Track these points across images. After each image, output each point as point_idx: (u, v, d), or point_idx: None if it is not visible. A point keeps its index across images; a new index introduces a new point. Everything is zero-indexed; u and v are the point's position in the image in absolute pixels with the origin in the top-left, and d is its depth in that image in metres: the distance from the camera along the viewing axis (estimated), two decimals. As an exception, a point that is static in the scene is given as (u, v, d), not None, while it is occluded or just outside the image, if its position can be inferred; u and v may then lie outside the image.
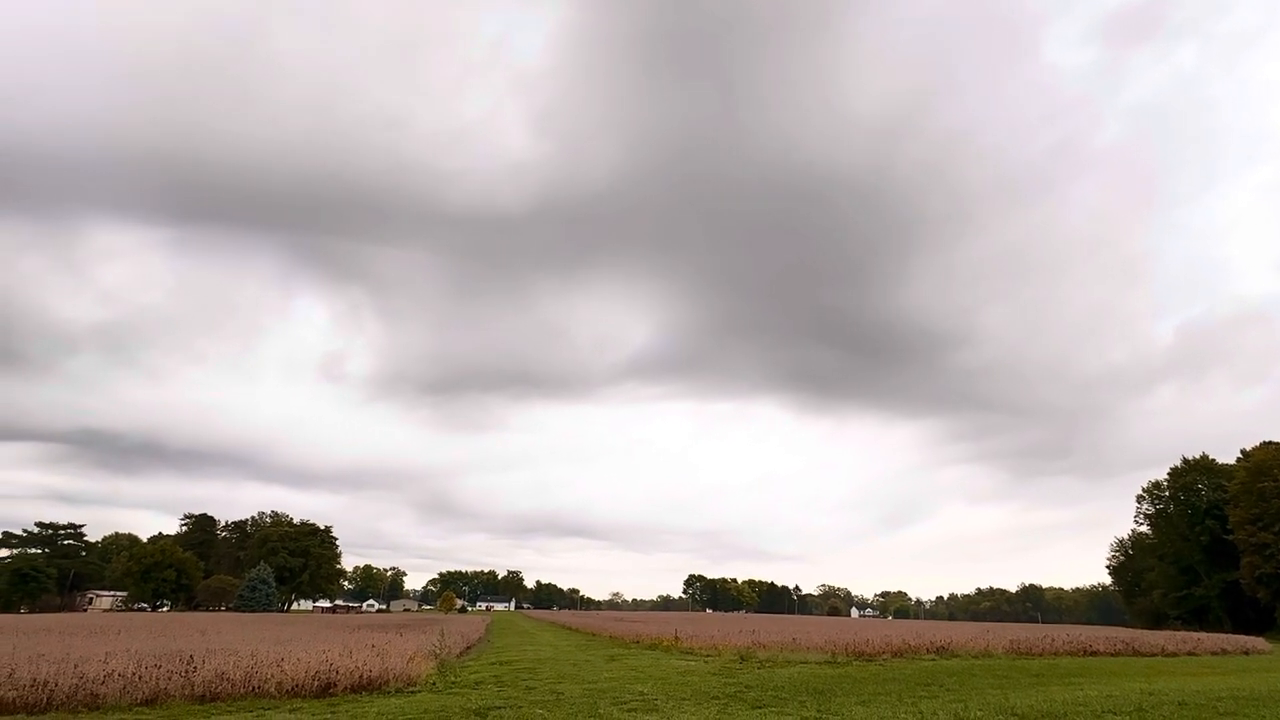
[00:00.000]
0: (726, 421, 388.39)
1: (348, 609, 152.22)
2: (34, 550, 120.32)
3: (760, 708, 14.18)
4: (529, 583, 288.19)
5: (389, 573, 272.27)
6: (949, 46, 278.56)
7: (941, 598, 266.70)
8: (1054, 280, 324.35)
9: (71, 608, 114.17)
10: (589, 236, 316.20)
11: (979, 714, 13.54)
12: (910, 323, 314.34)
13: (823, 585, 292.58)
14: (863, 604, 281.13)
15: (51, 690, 14.14)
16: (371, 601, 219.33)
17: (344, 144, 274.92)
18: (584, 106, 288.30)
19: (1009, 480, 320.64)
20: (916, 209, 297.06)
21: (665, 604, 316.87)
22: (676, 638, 33.37)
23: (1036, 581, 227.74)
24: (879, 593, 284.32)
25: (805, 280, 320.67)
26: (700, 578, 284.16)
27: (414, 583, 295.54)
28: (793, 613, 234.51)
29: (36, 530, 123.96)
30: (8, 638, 26.96)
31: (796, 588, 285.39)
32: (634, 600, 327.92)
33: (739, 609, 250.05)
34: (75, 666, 15.54)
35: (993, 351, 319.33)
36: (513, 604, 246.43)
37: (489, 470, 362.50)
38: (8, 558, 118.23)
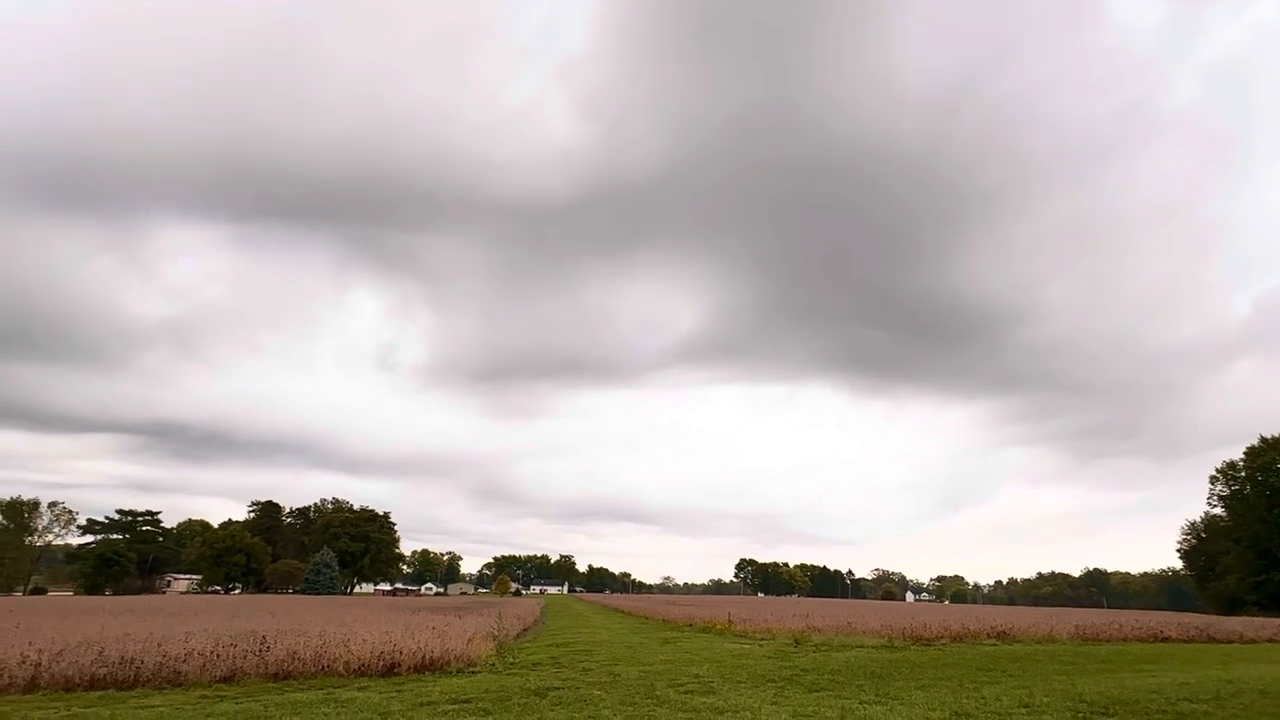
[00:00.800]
0: (777, 405, 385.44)
1: (407, 592, 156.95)
2: (115, 536, 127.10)
3: (817, 691, 14.11)
4: (581, 567, 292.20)
5: (445, 557, 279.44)
6: (1006, 9, 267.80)
7: (1000, 582, 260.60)
8: (1120, 252, 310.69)
9: (151, 590, 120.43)
10: (636, 221, 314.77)
11: (1045, 700, 13.20)
12: (968, 301, 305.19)
13: (876, 569, 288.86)
14: (918, 588, 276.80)
15: (138, 667, 14.94)
16: (429, 585, 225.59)
17: (393, 137, 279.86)
18: (629, 89, 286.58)
19: (1072, 462, 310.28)
20: (973, 182, 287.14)
21: (717, 588, 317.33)
22: (730, 621, 33.35)
23: (1101, 566, 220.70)
24: (935, 577, 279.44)
25: (857, 259, 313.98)
26: (751, 562, 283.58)
27: (470, 566, 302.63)
28: (846, 597, 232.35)
29: (117, 518, 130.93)
30: (95, 618, 28.60)
31: (849, 572, 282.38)
32: (685, 584, 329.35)
33: (791, 593, 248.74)
34: (159, 645, 16.38)
35: (1055, 328, 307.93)
36: (566, 587, 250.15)
37: (540, 456, 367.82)
38: (93, 543, 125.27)
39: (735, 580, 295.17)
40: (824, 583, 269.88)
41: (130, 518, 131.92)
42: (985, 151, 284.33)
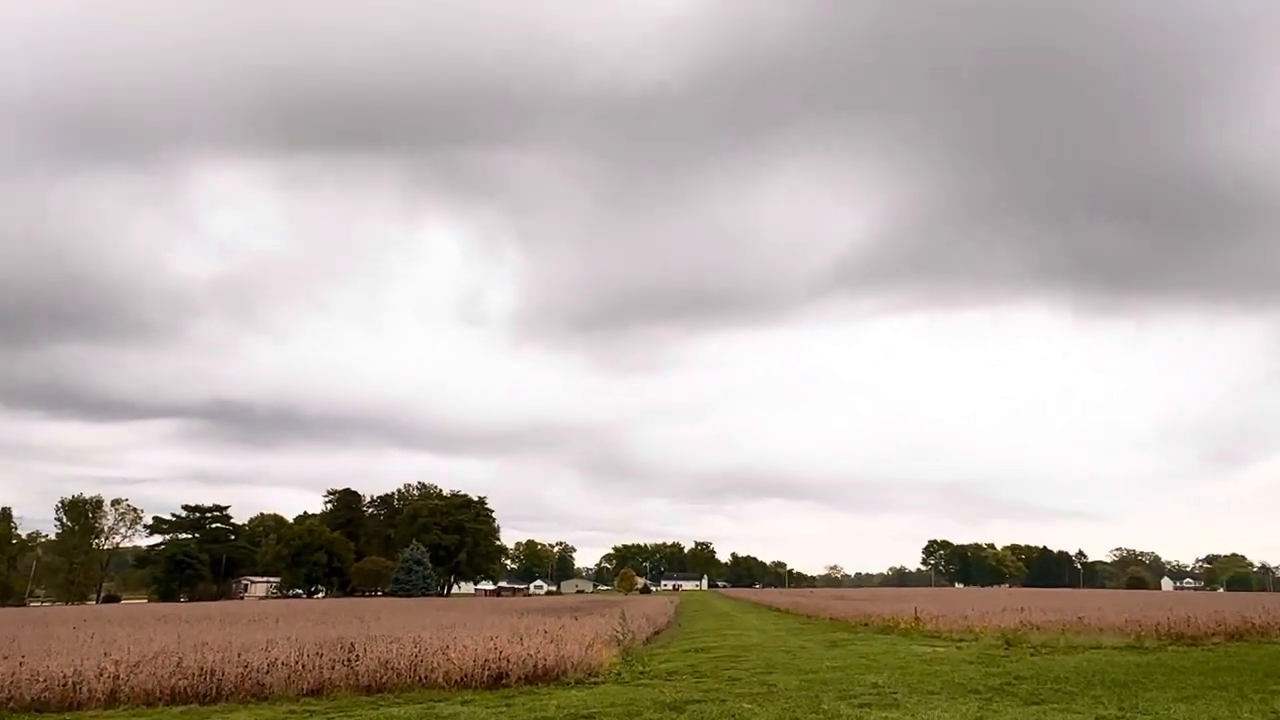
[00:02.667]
0: (976, 335, 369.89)
1: (513, 591, 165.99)
2: (184, 536, 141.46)
3: (1038, 703, 13.81)
4: (723, 555, 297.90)
5: (556, 549, 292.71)
6: None
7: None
8: None
9: (228, 595, 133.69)
10: (772, 106, 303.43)
11: (1366, 715, 12.31)
12: (1246, 175, 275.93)
13: (1118, 549, 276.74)
14: (1178, 572, 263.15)
15: (220, 679, 16.72)
16: (539, 582, 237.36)
17: (457, 31, 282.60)
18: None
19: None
20: (1249, 2, 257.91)
21: (899, 577, 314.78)
22: (917, 618, 33.40)
23: None
24: (1203, 557, 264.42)
25: (1081, 131, 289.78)
26: (945, 544, 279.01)
27: (585, 559, 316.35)
28: (1075, 585, 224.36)
29: (185, 515, 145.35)
30: (172, 626, 32.18)
31: (1080, 553, 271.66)
32: (857, 574, 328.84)
33: (1000, 582, 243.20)
34: (239, 655, 18.23)
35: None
36: (704, 582, 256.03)
37: (664, 419, 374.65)
38: (162, 544, 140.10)
39: (924, 568, 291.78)
40: (1044, 568, 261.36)
41: (198, 514, 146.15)
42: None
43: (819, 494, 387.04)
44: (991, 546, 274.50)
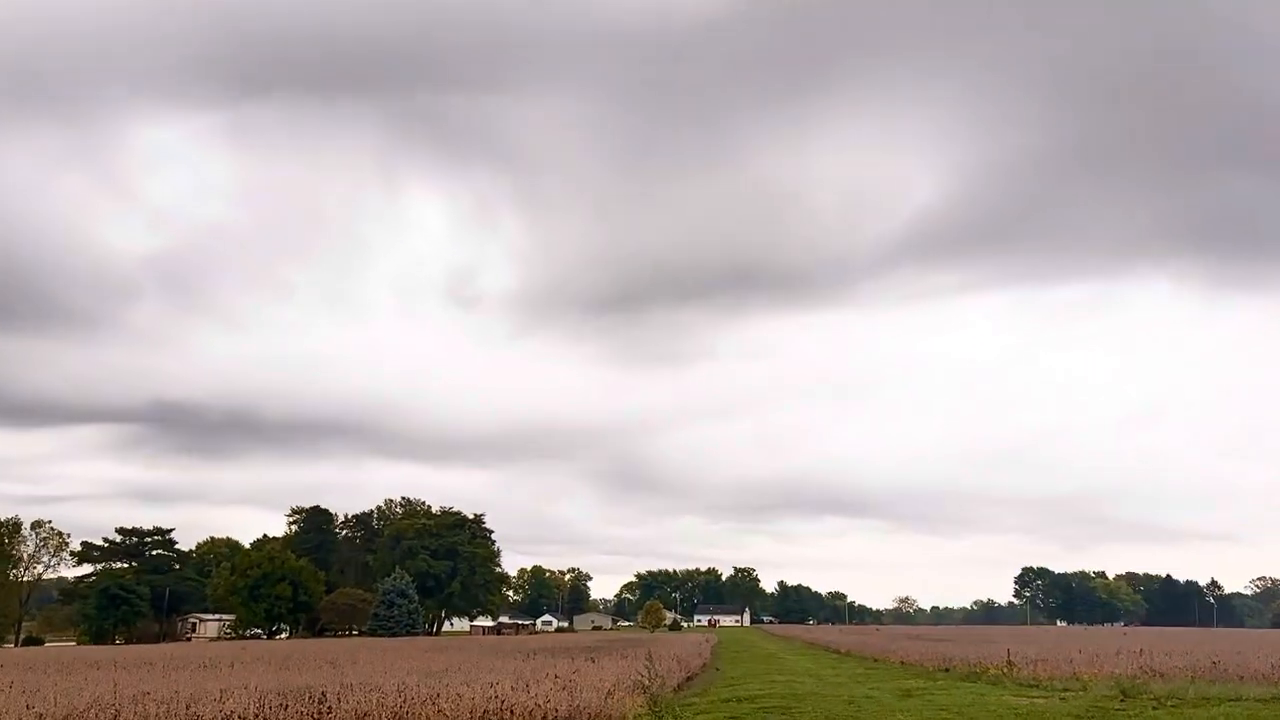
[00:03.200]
0: (1079, 317, 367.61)
1: (516, 628, 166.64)
2: (120, 565, 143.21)
3: (1161, 767, 13.71)
4: (768, 584, 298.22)
5: (567, 577, 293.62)
6: None
7: None
8: None
9: (173, 636, 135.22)
10: (825, 39, 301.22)
11: None
12: None
13: (1260, 579, 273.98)
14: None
15: (164, 736, 16.92)
16: (547, 617, 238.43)
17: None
18: None
19: None
20: None
21: (986, 612, 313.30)
22: (1010, 662, 33.36)
23: None
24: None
25: (1215, 60, 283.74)
26: (1043, 572, 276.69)
27: (603, 590, 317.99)
28: (1207, 623, 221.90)
29: (120, 540, 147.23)
30: (106, 673, 32.61)
31: (1212, 584, 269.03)
32: (934, 608, 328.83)
33: (1113, 619, 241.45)
34: (187, 708, 18.47)
35: None
36: (746, 617, 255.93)
37: (697, 420, 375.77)
38: (92, 575, 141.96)
39: (1016, 602, 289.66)
40: (1168, 602, 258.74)
41: (136, 539, 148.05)
42: None
43: (886, 510, 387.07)
44: (1101, 575, 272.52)
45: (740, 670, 40.52)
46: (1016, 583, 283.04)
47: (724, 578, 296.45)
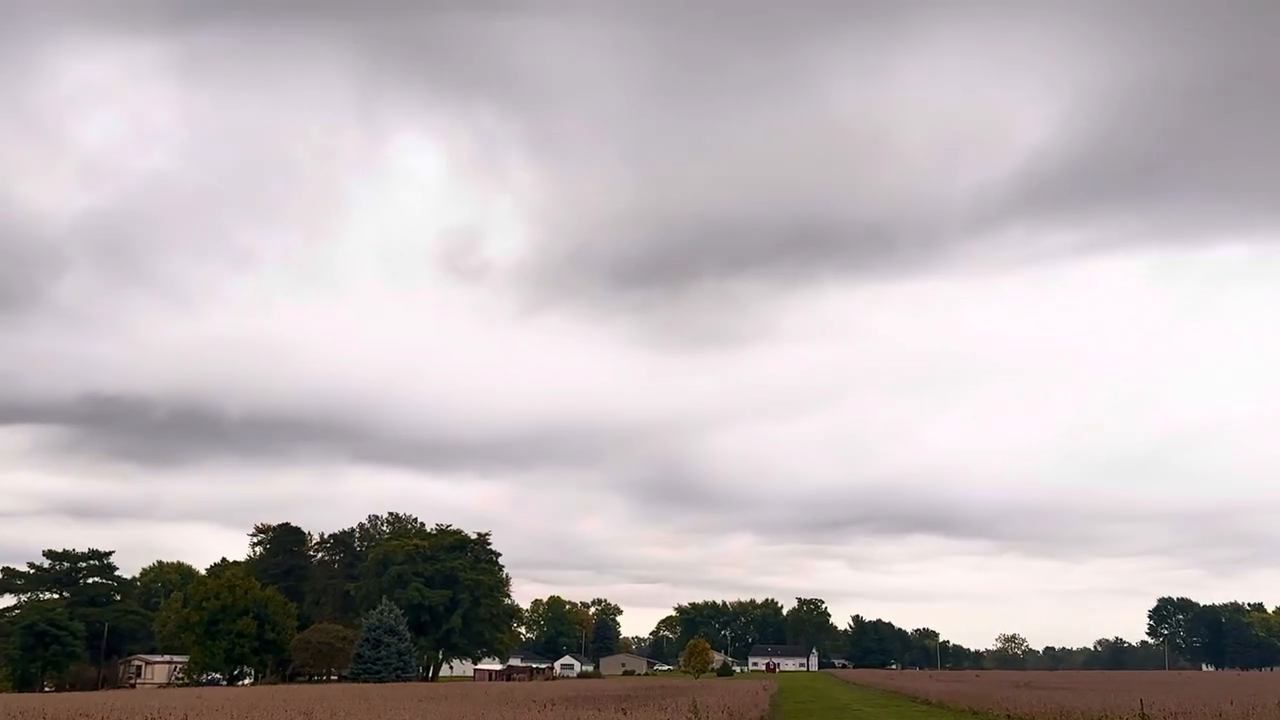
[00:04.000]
0: (1234, 284, 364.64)
1: (530, 672, 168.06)
2: (47, 595, 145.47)
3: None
4: (839, 620, 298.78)
5: (592, 610, 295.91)
6: None
7: None
8: None
9: (114, 682, 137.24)
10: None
11: None
12: None
13: None
14: None
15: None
16: (568, 659, 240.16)
17: None
18: None
19: None
20: None
21: (1113, 654, 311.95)
22: (1143, 715, 33.78)
23: None
24: None
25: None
26: (1185, 604, 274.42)
27: (635, 626, 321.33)
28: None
29: (47, 565, 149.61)
30: (35, 727, 33.10)
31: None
32: (1048, 649, 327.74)
33: (1273, 663, 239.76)
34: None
35: None
36: (812, 659, 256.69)
37: (752, 417, 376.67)
38: (15, 609, 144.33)
39: (1151, 641, 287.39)
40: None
41: (67, 564, 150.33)
42: None
43: (988, 528, 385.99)
44: (1259, 609, 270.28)
45: (807, 724, 40.52)
46: (1151, 617, 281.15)
47: (785, 612, 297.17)
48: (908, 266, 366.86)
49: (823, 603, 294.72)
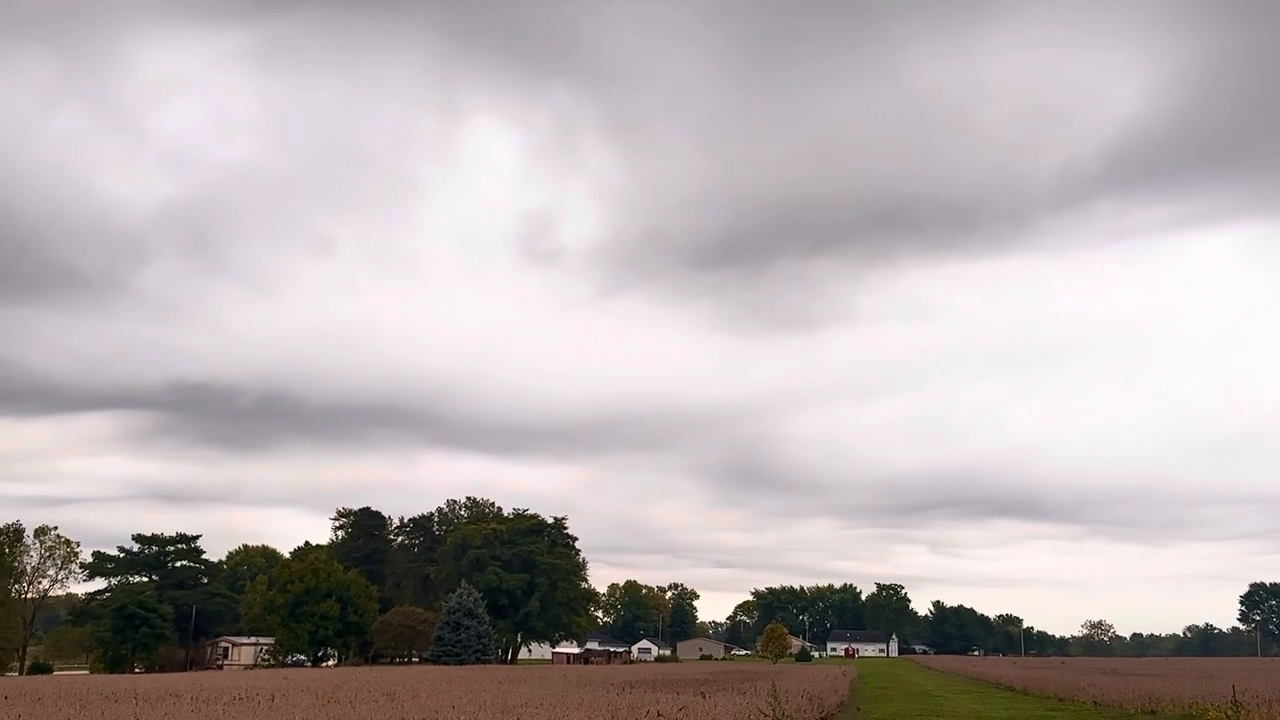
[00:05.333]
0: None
1: (607, 655, 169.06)
2: (137, 579, 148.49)
3: None
4: (919, 605, 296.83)
5: (669, 595, 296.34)
6: None
7: None
8: None
9: (201, 663, 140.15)
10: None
11: None
12: None
13: None
14: None
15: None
16: (644, 643, 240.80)
17: None
18: None
19: None
20: None
21: (1203, 640, 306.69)
22: (1235, 703, 33.02)
23: None
24: None
25: None
26: (1278, 589, 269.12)
27: (712, 611, 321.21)
28: None
29: (137, 549, 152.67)
30: (126, 708, 33.78)
31: None
32: (1135, 636, 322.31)
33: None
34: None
35: None
36: (892, 645, 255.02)
37: (830, 400, 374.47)
38: (106, 592, 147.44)
39: (1243, 627, 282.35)
40: None
41: (156, 548, 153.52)
42: None
43: (1075, 513, 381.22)
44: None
45: (888, 711, 40.25)
46: (1243, 603, 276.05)
47: (863, 597, 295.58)
48: (992, 244, 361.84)
49: (902, 588, 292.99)
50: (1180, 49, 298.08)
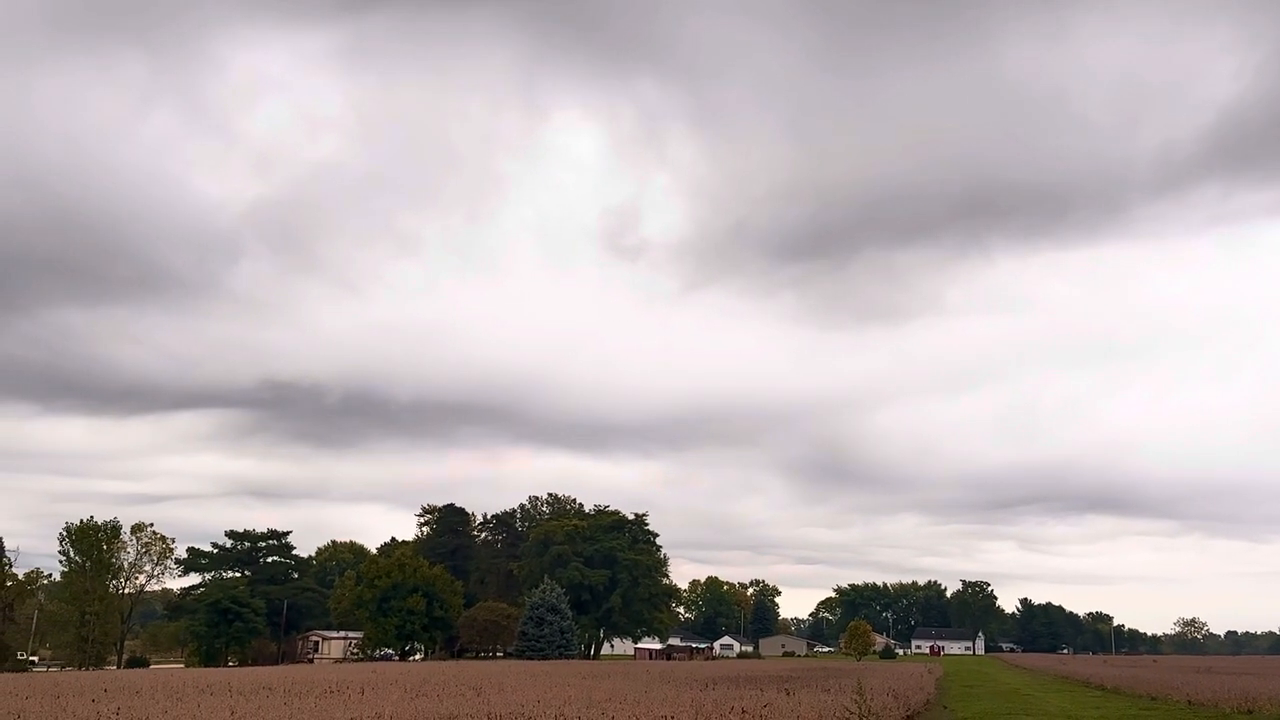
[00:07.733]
0: None
1: (689, 652, 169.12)
2: (231, 574, 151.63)
3: None
4: (1006, 603, 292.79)
5: (751, 591, 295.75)
6: None
7: None
8: None
9: (293, 656, 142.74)
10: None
11: None
12: None
13: None
14: None
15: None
16: (726, 639, 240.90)
17: None
18: None
19: None
20: None
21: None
22: None
23: None
24: None
25: None
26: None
27: (794, 607, 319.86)
28: None
29: (230, 545, 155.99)
30: (221, 700, 34.55)
31: None
32: (1230, 634, 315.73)
33: None
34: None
35: None
36: (979, 643, 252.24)
37: (917, 394, 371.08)
38: (200, 587, 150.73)
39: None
40: None
41: (249, 544, 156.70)
42: None
43: (1169, 508, 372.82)
44: None
45: (976, 710, 39.86)
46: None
47: (949, 594, 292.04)
48: (1085, 231, 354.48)
49: (988, 585, 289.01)
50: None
